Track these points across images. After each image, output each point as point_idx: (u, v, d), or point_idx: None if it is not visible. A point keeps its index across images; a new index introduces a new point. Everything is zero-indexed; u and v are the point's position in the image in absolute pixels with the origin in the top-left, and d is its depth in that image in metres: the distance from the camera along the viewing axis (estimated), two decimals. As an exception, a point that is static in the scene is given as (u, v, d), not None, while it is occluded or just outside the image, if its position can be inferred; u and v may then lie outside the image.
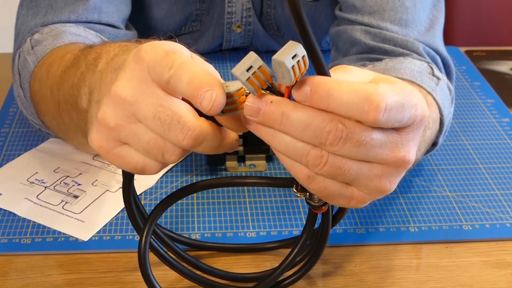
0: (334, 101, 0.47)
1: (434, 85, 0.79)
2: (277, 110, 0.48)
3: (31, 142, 0.89)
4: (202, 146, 0.51)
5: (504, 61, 1.17)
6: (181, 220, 0.76)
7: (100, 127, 0.52)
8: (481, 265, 0.72)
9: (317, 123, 0.48)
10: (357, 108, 0.47)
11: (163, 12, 1.03)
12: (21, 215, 0.76)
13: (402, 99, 0.49)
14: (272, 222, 0.76)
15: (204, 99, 0.48)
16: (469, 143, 0.92)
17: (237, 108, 0.50)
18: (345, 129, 0.48)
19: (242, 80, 0.47)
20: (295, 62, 0.46)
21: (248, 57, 0.47)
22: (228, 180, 0.64)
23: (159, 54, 0.50)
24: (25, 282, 0.68)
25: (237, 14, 1.05)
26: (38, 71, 0.78)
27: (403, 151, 0.51)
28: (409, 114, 0.50)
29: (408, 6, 0.86)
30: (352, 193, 0.53)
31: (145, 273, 0.59)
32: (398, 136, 0.51)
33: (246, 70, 0.47)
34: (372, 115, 0.47)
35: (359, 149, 0.49)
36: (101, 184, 0.81)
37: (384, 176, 0.52)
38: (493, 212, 0.79)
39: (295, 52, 0.46)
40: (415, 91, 0.51)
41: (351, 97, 0.47)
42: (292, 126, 0.48)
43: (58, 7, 0.85)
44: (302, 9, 0.44)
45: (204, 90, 0.48)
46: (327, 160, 0.49)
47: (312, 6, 1.04)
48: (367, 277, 0.70)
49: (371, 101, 0.47)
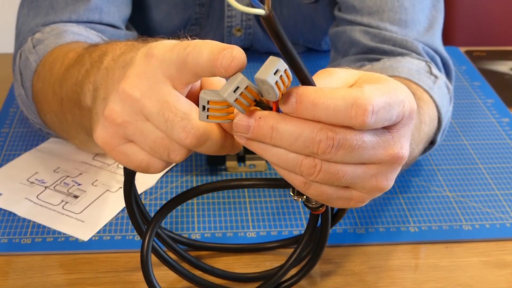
0: (320, 110, 0.47)
1: (431, 83, 0.80)
2: (266, 125, 0.48)
3: (31, 142, 0.89)
4: (205, 146, 0.51)
5: (504, 61, 1.17)
6: (181, 220, 0.76)
7: (106, 123, 0.52)
8: (481, 265, 0.72)
9: (307, 133, 0.48)
10: (345, 115, 0.47)
11: (162, 14, 1.03)
12: (21, 215, 0.76)
13: (388, 98, 0.49)
14: (272, 222, 0.76)
15: (224, 58, 0.48)
16: (469, 143, 0.92)
17: (224, 117, 0.49)
18: (335, 136, 0.48)
19: (230, 101, 0.47)
20: (277, 78, 0.46)
21: (234, 78, 0.47)
22: (228, 183, 0.64)
23: (169, 46, 0.50)
24: (25, 282, 0.68)
25: (236, 17, 1.05)
26: (41, 69, 0.78)
27: (396, 148, 0.51)
28: (397, 112, 0.50)
29: (407, 6, 0.86)
30: (351, 195, 0.53)
31: (148, 278, 0.59)
32: (389, 134, 0.51)
33: (233, 91, 0.47)
34: (361, 120, 0.47)
35: (352, 153, 0.49)
36: (101, 184, 0.81)
37: (380, 175, 0.52)
38: (493, 212, 0.79)
39: (277, 67, 0.46)
40: (400, 87, 0.51)
41: (337, 104, 0.47)
42: (283, 139, 0.48)
43: (59, 7, 0.85)
44: (278, 25, 0.44)
45: (224, 52, 0.48)
46: (320, 168, 0.50)
47: (311, 7, 1.04)
48: (366, 277, 0.70)
49: (358, 105, 0.47)
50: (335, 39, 0.92)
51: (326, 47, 1.13)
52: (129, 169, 0.55)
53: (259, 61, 1.11)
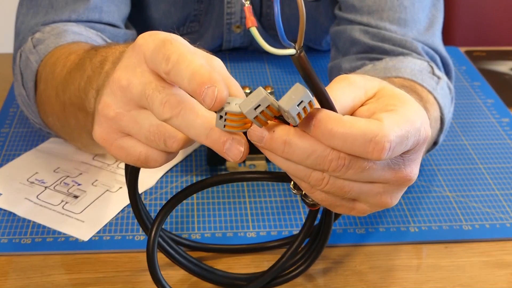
0: (337, 140, 0.47)
1: (434, 84, 0.80)
2: (280, 139, 0.48)
3: (31, 142, 0.89)
4: None
5: (504, 61, 1.17)
6: (181, 221, 0.76)
7: (101, 118, 0.53)
8: (481, 265, 0.72)
9: (320, 152, 0.48)
10: (362, 149, 0.47)
11: (161, 12, 1.03)
12: (21, 215, 0.76)
13: (407, 132, 0.49)
14: (272, 222, 0.76)
15: (206, 96, 0.47)
16: (469, 143, 0.92)
17: (241, 128, 0.49)
18: (347, 157, 0.48)
19: (250, 118, 0.47)
20: (300, 109, 0.46)
21: (256, 95, 0.46)
22: (232, 176, 0.64)
23: (156, 41, 0.49)
24: (25, 282, 0.68)
25: (236, 14, 1.05)
26: (43, 71, 0.78)
27: (406, 171, 0.51)
28: (413, 141, 0.50)
29: (407, 5, 0.86)
30: (354, 205, 0.53)
31: (154, 273, 0.59)
32: (401, 158, 0.51)
33: (254, 109, 0.46)
34: (377, 156, 0.47)
35: (361, 174, 0.49)
36: (101, 184, 0.81)
37: (386, 193, 0.52)
38: (493, 212, 0.79)
39: (301, 99, 0.46)
40: (418, 111, 0.51)
41: (355, 137, 0.47)
42: (294, 154, 0.48)
43: (59, 6, 0.85)
44: (308, 64, 0.45)
45: (206, 87, 0.47)
46: (328, 181, 0.50)
47: (313, 6, 1.04)
48: (367, 277, 0.70)
49: (376, 142, 0.47)
50: (335, 38, 0.92)
51: (327, 46, 1.13)
52: (133, 166, 0.55)
53: (258, 60, 1.12)
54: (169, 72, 0.48)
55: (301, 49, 0.44)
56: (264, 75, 1.07)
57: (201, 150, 0.88)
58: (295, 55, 0.44)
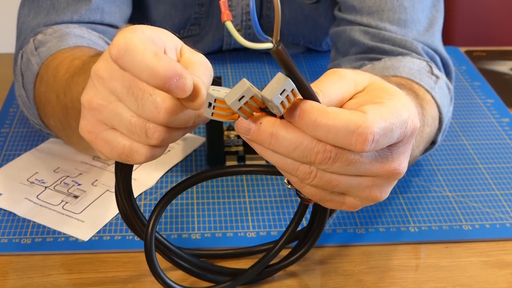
0: (321, 131, 0.48)
1: (433, 83, 0.80)
2: (266, 131, 0.49)
3: (31, 142, 0.89)
4: (180, 119, 0.51)
5: (504, 61, 1.17)
6: (181, 220, 0.76)
7: (85, 111, 0.53)
8: (481, 265, 0.72)
9: (306, 144, 0.48)
10: (345, 140, 0.48)
11: (162, 14, 1.03)
12: (21, 215, 0.76)
13: (391, 124, 0.49)
14: (272, 222, 0.76)
15: (177, 88, 0.49)
16: (469, 143, 0.92)
17: (228, 117, 0.49)
18: (333, 149, 0.48)
19: (234, 109, 0.47)
20: (283, 98, 0.46)
21: (240, 86, 0.47)
22: (226, 170, 0.64)
23: (120, 48, 0.49)
24: (25, 282, 0.68)
25: (237, 18, 1.05)
26: (44, 73, 0.78)
27: (394, 164, 0.51)
28: (399, 133, 0.50)
29: (406, 6, 0.87)
30: (343, 200, 0.54)
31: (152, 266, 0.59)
32: (388, 151, 0.51)
33: (238, 100, 0.47)
34: (360, 147, 0.48)
35: (348, 166, 0.49)
36: (101, 184, 0.81)
37: (375, 187, 0.52)
38: (493, 212, 0.79)
39: (284, 87, 0.46)
40: (406, 104, 0.51)
41: (338, 128, 0.47)
42: (281, 146, 0.49)
43: (60, 7, 0.85)
44: (287, 56, 0.45)
45: (175, 81, 0.48)
46: (316, 175, 0.50)
47: (312, 7, 1.04)
48: (366, 277, 0.70)
49: (359, 134, 0.47)
50: (335, 39, 0.92)
51: (327, 47, 1.13)
52: (124, 164, 0.55)
53: (259, 60, 1.12)
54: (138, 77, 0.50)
55: (278, 42, 0.44)
56: (264, 75, 1.07)
57: (201, 150, 0.88)
58: (273, 49, 0.44)
